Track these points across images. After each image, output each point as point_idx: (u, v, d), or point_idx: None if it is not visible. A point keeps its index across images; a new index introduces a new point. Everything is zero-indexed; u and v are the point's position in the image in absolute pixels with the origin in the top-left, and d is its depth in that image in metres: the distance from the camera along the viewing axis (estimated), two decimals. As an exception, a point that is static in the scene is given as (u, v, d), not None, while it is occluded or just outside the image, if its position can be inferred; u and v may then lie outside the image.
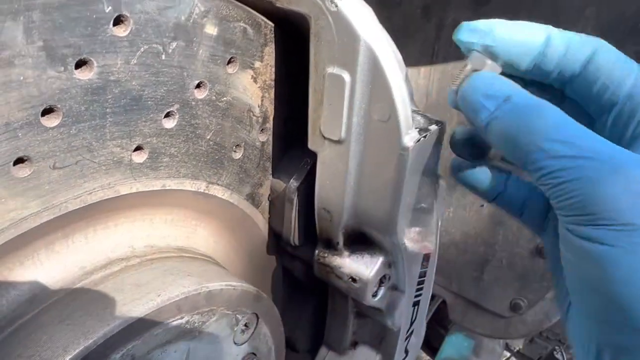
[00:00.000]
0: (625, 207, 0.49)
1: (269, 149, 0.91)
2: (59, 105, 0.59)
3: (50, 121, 0.59)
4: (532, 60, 0.63)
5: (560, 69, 0.63)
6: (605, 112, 0.62)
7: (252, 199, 0.93)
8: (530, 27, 0.63)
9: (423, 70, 1.65)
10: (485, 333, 1.93)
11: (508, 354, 3.02)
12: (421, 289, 1.04)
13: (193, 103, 0.74)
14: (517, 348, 3.00)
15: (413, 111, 0.78)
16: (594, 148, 0.52)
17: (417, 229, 0.93)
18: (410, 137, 0.76)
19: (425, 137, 0.78)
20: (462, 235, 1.89)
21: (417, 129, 0.78)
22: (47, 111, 0.58)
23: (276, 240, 1.03)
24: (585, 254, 0.52)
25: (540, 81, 0.66)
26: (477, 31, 0.63)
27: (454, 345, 2.84)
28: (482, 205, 1.88)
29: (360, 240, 0.92)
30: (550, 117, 0.55)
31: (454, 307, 1.96)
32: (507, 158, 0.62)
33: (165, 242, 0.82)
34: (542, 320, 1.81)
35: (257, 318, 0.86)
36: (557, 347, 2.75)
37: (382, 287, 0.95)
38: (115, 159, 0.67)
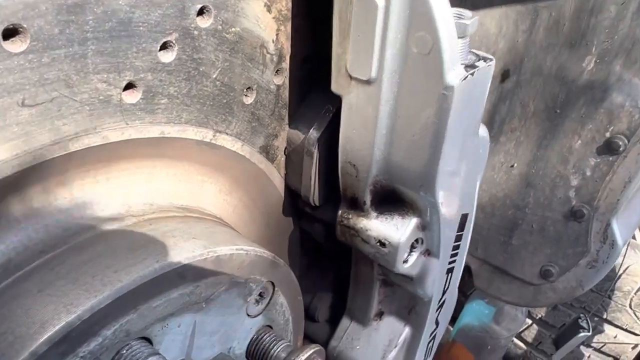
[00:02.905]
0: None
1: (285, 93, 0.78)
2: (24, 25, 0.47)
3: (15, 45, 0.47)
4: None
5: None
6: None
7: (267, 152, 0.81)
8: None
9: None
10: (512, 301, 1.83)
11: (530, 321, 2.94)
12: (456, 254, 0.93)
13: (195, 33, 0.61)
14: (540, 315, 2.91)
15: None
16: None
17: (454, 189, 0.81)
18: (455, 74, 0.63)
19: (472, 74, 0.66)
20: (490, 198, 1.77)
21: (463, 65, 0.66)
22: (10, 32, 0.47)
23: (294, 200, 0.92)
24: None
25: None
26: None
27: (474, 312, 2.76)
28: (512, 166, 1.75)
29: (390, 199, 0.80)
30: None
31: (480, 273, 1.85)
32: None
33: (167, 200, 0.71)
34: (574, 288, 1.71)
35: (273, 287, 0.76)
36: (582, 315, 2.66)
37: (414, 252, 0.84)
38: (101, 97, 0.56)
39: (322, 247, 0.98)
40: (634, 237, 2.82)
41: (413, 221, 0.80)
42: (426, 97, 0.66)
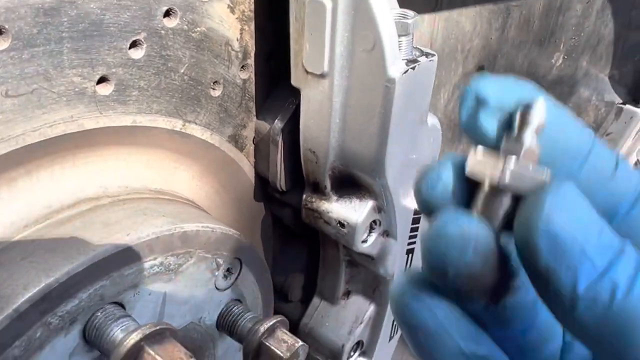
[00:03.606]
0: None
1: (252, 87, 0.86)
2: (6, 26, 0.54)
3: (-1, 44, 0.55)
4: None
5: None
6: None
7: (235, 141, 0.88)
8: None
9: (427, 17, 1.58)
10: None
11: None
12: (415, 235, 1.00)
13: (162, 32, 0.69)
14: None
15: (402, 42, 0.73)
16: None
17: (406, 174, 0.88)
18: (396, 68, 0.71)
19: (413, 68, 0.73)
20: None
21: (405, 60, 0.73)
22: (-6, 33, 0.54)
23: (263, 186, 0.99)
24: None
25: None
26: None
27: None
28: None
29: (349, 184, 0.88)
30: None
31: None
32: None
33: (142, 183, 0.78)
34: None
35: (241, 263, 0.83)
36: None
37: (373, 233, 0.91)
38: (76, 89, 0.63)
39: (293, 230, 1.05)
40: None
41: (369, 203, 0.87)
42: (372, 89, 0.73)
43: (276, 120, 0.88)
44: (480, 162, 0.35)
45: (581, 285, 0.30)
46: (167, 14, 0.68)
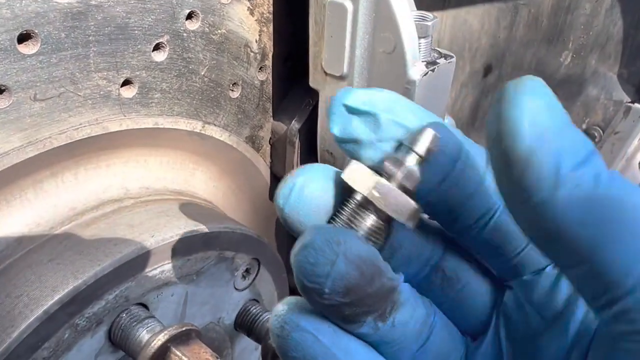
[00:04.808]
0: None
1: (269, 88, 0.86)
2: (36, 31, 0.55)
3: (28, 48, 0.55)
4: None
5: None
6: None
7: (252, 141, 0.89)
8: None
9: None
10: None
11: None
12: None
13: (185, 35, 0.69)
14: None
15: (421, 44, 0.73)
16: None
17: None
18: (416, 70, 0.71)
19: (433, 70, 0.73)
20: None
21: (424, 62, 0.73)
22: (23, 37, 0.55)
23: (279, 186, 0.99)
24: None
25: None
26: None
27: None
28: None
29: (365, 185, 0.88)
30: None
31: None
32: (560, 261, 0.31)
33: (162, 184, 0.79)
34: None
35: (259, 264, 0.84)
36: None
37: (388, 233, 0.92)
38: (102, 92, 0.63)
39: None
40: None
41: (386, 204, 0.87)
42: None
43: (293, 121, 0.88)
44: (356, 173, 0.37)
45: (565, 169, 0.29)
46: (189, 16, 0.69)
